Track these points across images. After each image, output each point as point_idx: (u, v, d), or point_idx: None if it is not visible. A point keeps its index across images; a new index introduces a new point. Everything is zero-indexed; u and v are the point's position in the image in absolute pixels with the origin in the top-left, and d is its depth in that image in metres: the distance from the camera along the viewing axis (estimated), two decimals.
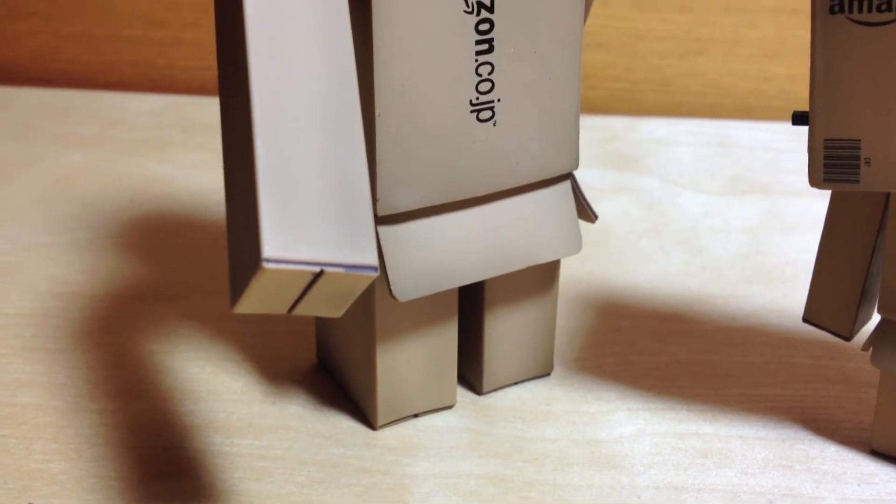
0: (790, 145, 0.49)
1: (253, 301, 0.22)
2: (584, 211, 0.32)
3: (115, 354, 0.33)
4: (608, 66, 0.55)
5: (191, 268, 0.39)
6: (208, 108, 0.53)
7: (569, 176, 0.31)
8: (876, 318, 0.28)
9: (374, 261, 0.22)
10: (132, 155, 0.48)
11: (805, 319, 0.29)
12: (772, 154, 0.48)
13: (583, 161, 0.41)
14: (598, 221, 0.34)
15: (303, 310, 0.23)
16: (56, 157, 0.48)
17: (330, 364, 0.33)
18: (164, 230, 0.42)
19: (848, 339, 0.29)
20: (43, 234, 0.41)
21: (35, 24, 0.58)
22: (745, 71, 0.54)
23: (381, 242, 0.28)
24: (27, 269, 0.38)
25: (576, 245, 0.31)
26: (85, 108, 0.54)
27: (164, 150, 0.49)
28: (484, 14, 0.27)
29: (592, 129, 0.52)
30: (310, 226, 0.22)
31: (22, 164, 0.47)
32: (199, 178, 0.46)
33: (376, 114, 0.26)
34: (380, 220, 0.28)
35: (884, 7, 0.22)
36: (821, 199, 0.30)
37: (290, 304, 0.23)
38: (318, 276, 0.22)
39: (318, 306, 0.23)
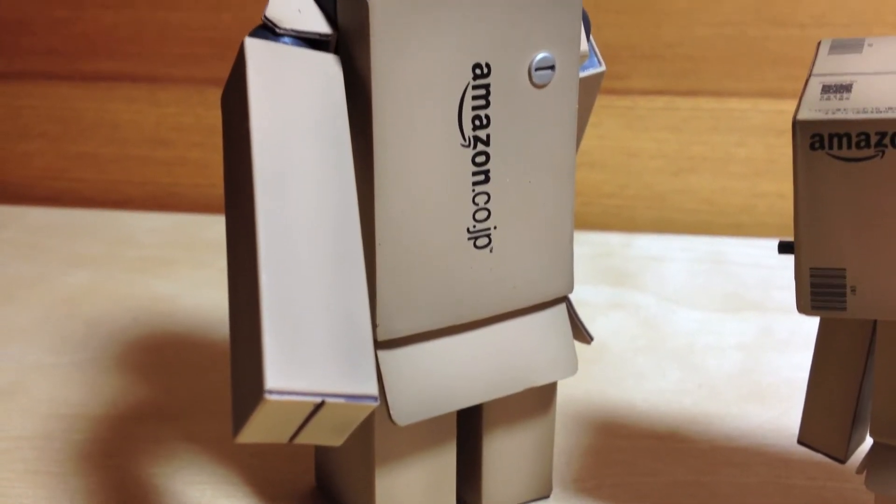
0: (782, 262, 0.50)
1: (255, 431, 0.22)
2: (580, 333, 0.33)
3: (116, 478, 0.34)
4: (603, 184, 0.56)
5: (193, 387, 0.39)
6: (213, 226, 0.54)
7: (564, 299, 0.31)
8: (870, 440, 0.29)
9: (375, 390, 0.23)
10: (137, 273, 0.49)
11: (800, 441, 0.30)
12: (764, 270, 0.49)
13: (578, 277, 0.42)
14: (595, 338, 0.35)
15: (304, 438, 0.23)
16: (62, 277, 0.49)
17: (329, 487, 0.33)
18: (167, 349, 0.42)
19: (843, 461, 0.29)
20: (47, 355, 0.42)
21: (43, 144, 0.60)
22: (737, 188, 0.55)
23: (381, 367, 0.28)
24: (30, 390, 0.39)
25: (572, 367, 0.31)
26: (91, 226, 0.55)
27: (169, 269, 0.50)
28: (480, 147, 0.28)
29: (588, 244, 0.53)
30: (312, 357, 0.22)
31: (28, 283, 0.48)
32: (204, 296, 0.47)
33: (376, 242, 0.27)
34: (379, 345, 0.28)
35: (862, 144, 0.23)
36: (813, 317, 0.31)
37: (291, 434, 0.23)
38: (319, 406, 0.22)
39: (319, 435, 0.23)
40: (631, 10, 0.53)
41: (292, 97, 0.25)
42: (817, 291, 0.25)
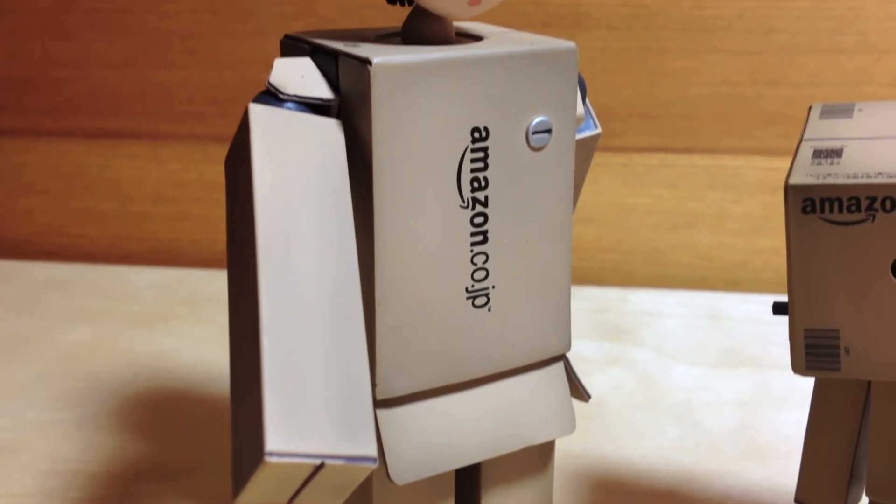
0: (778, 318, 0.50)
1: (255, 492, 0.23)
2: (578, 391, 0.33)
3: None
4: (600, 239, 0.57)
5: (192, 444, 0.39)
6: (214, 281, 0.54)
7: (562, 357, 0.32)
8: (867, 499, 0.29)
9: (374, 452, 0.23)
10: (138, 329, 0.50)
11: (797, 500, 0.30)
12: (761, 326, 0.50)
13: (576, 332, 0.42)
14: (593, 393, 0.35)
15: (303, 500, 0.23)
16: (62, 332, 0.49)
17: None
18: (167, 406, 0.42)
19: None
20: (46, 411, 0.42)
21: (45, 200, 0.60)
22: (733, 244, 0.56)
23: (380, 426, 0.28)
24: (30, 447, 0.39)
25: (570, 425, 0.31)
26: (92, 282, 0.55)
27: (170, 324, 0.50)
28: (479, 208, 0.28)
29: (585, 300, 0.53)
30: (311, 418, 0.23)
31: (28, 339, 0.49)
32: (204, 352, 0.47)
33: (376, 302, 0.28)
34: (378, 404, 0.28)
35: (853, 208, 0.24)
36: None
37: (290, 495, 0.23)
38: (318, 468, 0.22)
39: (318, 496, 0.23)
40: (626, 71, 0.54)
41: (295, 161, 0.25)
42: (812, 352, 0.25)
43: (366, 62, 0.26)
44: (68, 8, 0.57)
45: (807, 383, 0.29)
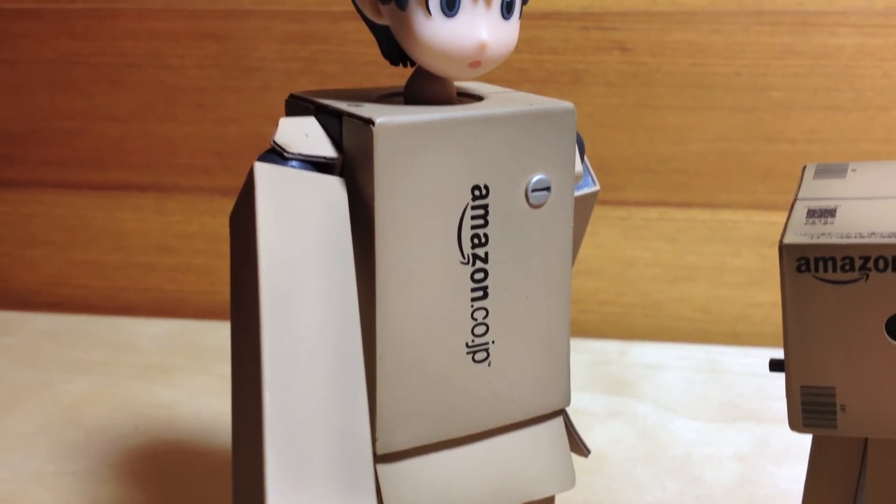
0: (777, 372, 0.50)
1: None
2: (577, 445, 0.33)
3: None
4: (600, 291, 0.57)
5: (193, 497, 0.39)
6: (215, 332, 0.55)
7: (561, 412, 0.32)
8: None
9: None
10: (139, 380, 0.50)
11: None
12: (760, 380, 0.50)
13: (576, 385, 0.42)
14: (593, 447, 0.35)
15: None
16: (64, 384, 0.49)
17: None
18: (168, 458, 0.42)
19: None
20: (46, 463, 0.42)
21: (50, 251, 0.61)
22: (732, 297, 0.56)
23: (380, 481, 0.28)
24: (30, 500, 0.39)
25: (570, 481, 0.31)
26: (94, 333, 0.55)
27: (171, 375, 0.50)
28: (479, 264, 0.29)
29: (585, 352, 0.53)
30: (311, 475, 0.23)
31: (30, 390, 0.49)
32: (205, 404, 0.47)
33: (377, 356, 0.28)
34: (378, 459, 0.28)
35: (847, 267, 0.24)
36: None
37: None
38: None
39: None
40: (624, 127, 0.54)
41: (298, 218, 0.26)
42: (808, 409, 0.26)
43: (369, 122, 0.26)
44: (75, 61, 0.58)
45: (806, 438, 0.29)
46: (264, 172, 0.26)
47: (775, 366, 0.27)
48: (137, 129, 0.58)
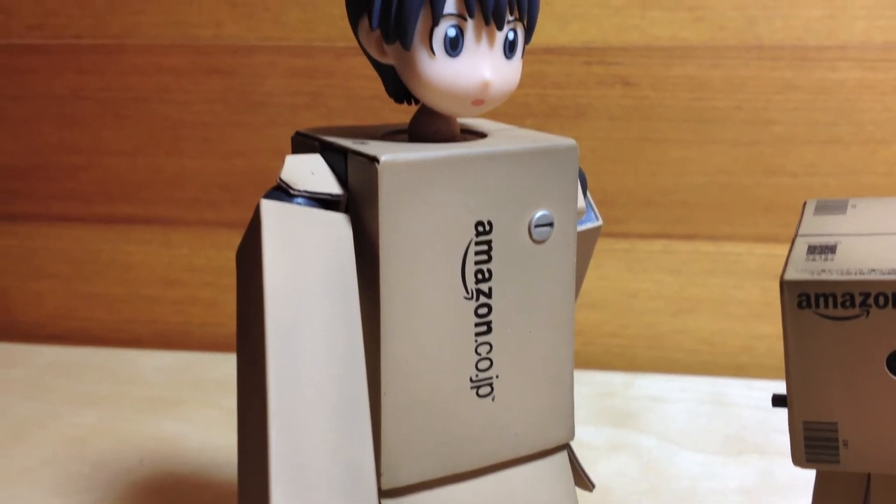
0: None
1: None
2: (582, 480, 0.33)
3: None
4: (604, 324, 0.57)
5: None
6: (221, 365, 0.55)
7: (566, 446, 0.32)
8: None
9: None
10: (145, 414, 0.50)
11: None
12: (765, 413, 0.50)
13: (581, 417, 0.42)
14: (598, 480, 0.35)
15: None
16: (70, 417, 0.49)
17: None
18: (173, 491, 0.42)
19: None
20: (51, 497, 0.42)
21: (56, 284, 0.61)
22: (736, 329, 0.56)
23: None
24: None
25: None
26: (99, 366, 0.56)
27: (177, 408, 0.50)
28: (483, 300, 0.29)
29: (590, 384, 0.53)
30: None
31: (36, 423, 0.49)
32: (211, 436, 0.47)
33: (382, 391, 0.28)
34: (383, 494, 0.29)
35: (848, 304, 0.25)
36: None
37: None
38: None
39: None
40: (627, 160, 0.55)
41: (304, 255, 0.26)
42: (811, 445, 0.26)
43: (373, 160, 0.27)
44: (83, 96, 0.59)
45: (810, 472, 0.29)
46: (270, 210, 0.26)
47: (778, 401, 0.27)
48: (144, 163, 0.59)
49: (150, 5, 0.57)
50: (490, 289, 0.29)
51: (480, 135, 0.31)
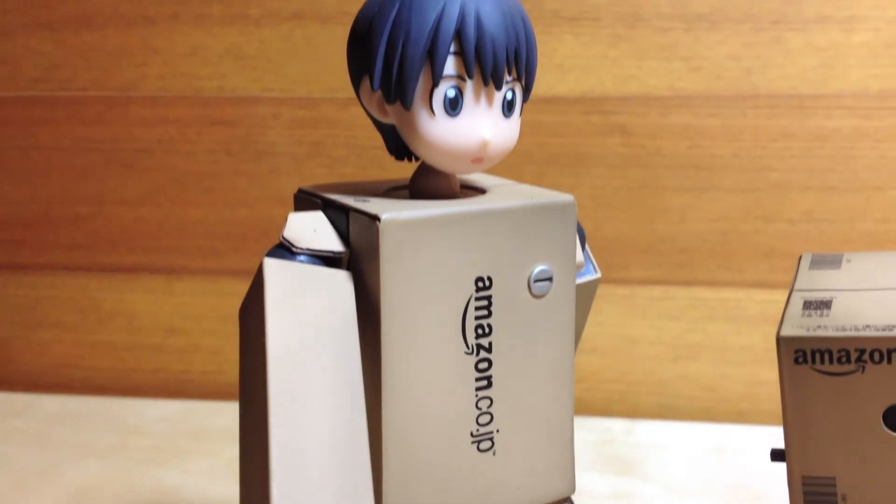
0: None
1: None
2: None
3: None
4: (605, 370, 0.58)
5: None
6: (223, 413, 0.55)
7: (566, 500, 0.32)
8: None
9: None
10: (146, 464, 0.50)
11: None
12: (766, 461, 0.50)
13: (582, 465, 0.42)
14: None
15: None
16: (72, 468, 0.49)
17: None
18: None
19: None
20: None
21: (59, 333, 0.61)
22: (736, 376, 0.56)
23: None
24: None
25: None
26: (102, 415, 0.56)
27: (178, 458, 0.50)
28: (483, 354, 0.29)
29: (591, 431, 0.53)
30: None
31: (38, 473, 0.49)
32: (211, 487, 0.47)
33: (383, 447, 0.28)
34: None
35: (843, 359, 0.25)
36: None
37: None
38: None
39: None
40: (626, 207, 0.55)
41: (306, 313, 0.27)
42: (810, 499, 0.26)
43: (375, 218, 0.27)
44: (89, 148, 0.59)
45: None
46: (273, 268, 0.27)
47: (776, 456, 0.27)
48: (148, 213, 0.59)
49: (154, 58, 0.58)
50: (490, 343, 0.29)
51: (480, 190, 0.31)
